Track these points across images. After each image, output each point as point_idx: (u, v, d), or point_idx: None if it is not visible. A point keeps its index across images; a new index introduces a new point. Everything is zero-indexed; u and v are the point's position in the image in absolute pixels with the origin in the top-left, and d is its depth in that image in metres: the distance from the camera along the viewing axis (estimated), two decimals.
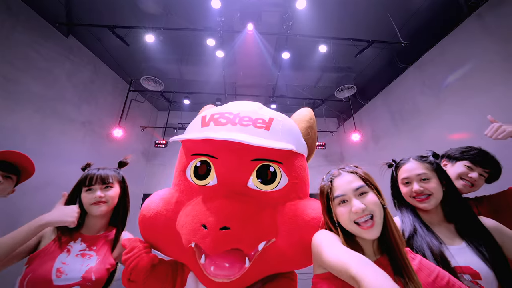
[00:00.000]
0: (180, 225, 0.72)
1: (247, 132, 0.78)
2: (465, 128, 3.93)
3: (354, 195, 0.63)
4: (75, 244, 0.80)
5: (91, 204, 0.86)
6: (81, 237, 0.84)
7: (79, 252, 0.79)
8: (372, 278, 0.40)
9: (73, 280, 0.73)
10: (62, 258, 0.74)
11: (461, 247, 0.72)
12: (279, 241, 0.73)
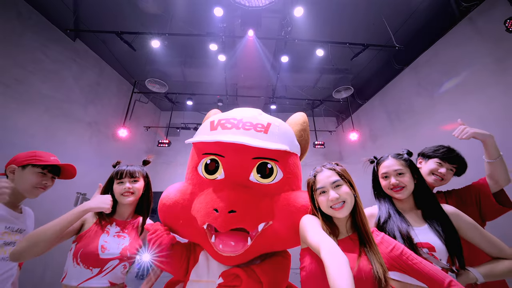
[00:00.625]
0: (195, 210, 0.89)
1: (248, 135, 0.94)
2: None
3: (331, 187, 0.80)
4: (111, 227, 0.97)
5: (121, 194, 1.03)
6: (115, 222, 1.01)
7: (115, 233, 0.96)
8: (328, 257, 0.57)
9: (114, 255, 0.90)
10: (104, 238, 0.91)
11: (424, 228, 0.88)
12: (275, 223, 0.90)
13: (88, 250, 0.85)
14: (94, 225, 0.94)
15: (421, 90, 4.92)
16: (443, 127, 4.43)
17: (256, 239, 0.87)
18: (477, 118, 3.81)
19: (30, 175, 0.99)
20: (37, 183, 0.99)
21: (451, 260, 0.80)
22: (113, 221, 0.99)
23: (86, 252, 0.85)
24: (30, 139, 3.92)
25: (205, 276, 0.92)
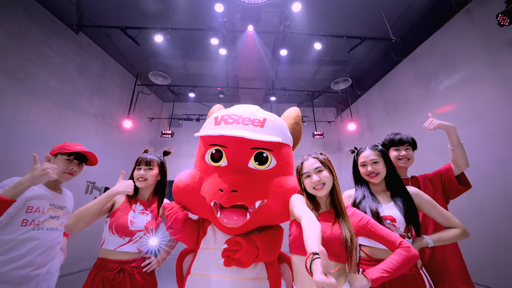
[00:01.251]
0: (204, 191, 1.08)
1: (247, 129, 1.13)
2: (452, 117, 4.24)
3: (314, 172, 0.99)
4: (136, 206, 1.18)
5: (136, 179, 1.23)
6: (139, 201, 1.21)
7: (140, 211, 1.16)
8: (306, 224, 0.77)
9: (140, 227, 1.11)
10: (132, 214, 1.12)
11: (390, 205, 1.08)
12: (269, 201, 1.10)
13: (120, 223, 1.06)
14: (123, 204, 1.14)
15: (417, 81, 5.02)
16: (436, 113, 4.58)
17: (254, 214, 1.08)
18: (469, 109, 3.95)
19: (59, 162, 1.18)
20: (65, 169, 1.17)
21: (408, 229, 1.00)
22: (138, 201, 1.20)
23: (118, 224, 1.06)
24: (41, 131, 4.12)
25: (212, 244, 1.13)
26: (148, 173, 1.25)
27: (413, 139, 1.43)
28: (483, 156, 3.70)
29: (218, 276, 1.02)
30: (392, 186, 1.13)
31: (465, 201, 3.92)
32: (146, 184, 1.25)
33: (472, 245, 3.89)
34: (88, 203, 1.06)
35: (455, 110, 4.21)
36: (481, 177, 3.73)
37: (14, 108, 3.74)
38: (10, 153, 3.60)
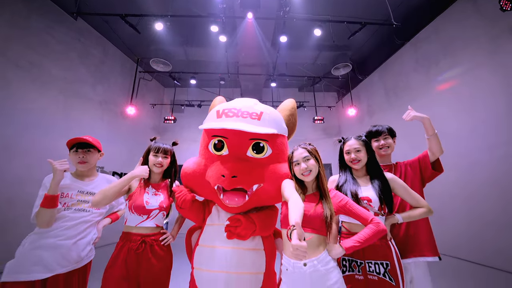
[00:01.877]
0: (208, 176, 1.25)
1: (246, 122, 1.27)
2: (449, 105, 4.31)
3: (303, 160, 1.14)
4: (149, 189, 1.36)
5: (154, 164, 1.40)
6: (151, 185, 1.39)
7: (153, 193, 1.35)
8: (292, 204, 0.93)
9: (154, 206, 1.30)
10: (146, 196, 1.30)
11: (368, 187, 1.24)
12: (265, 185, 1.26)
13: (138, 204, 1.25)
14: (138, 188, 1.33)
15: (418, 67, 5.02)
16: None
17: (251, 196, 1.25)
18: (467, 96, 4.01)
19: (71, 156, 1.36)
20: (76, 160, 1.34)
21: (381, 208, 1.17)
22: (150, 185, 1.38)
23: (136, 205, 1.25)
24: (50, 120, 4.27)
25: (216, 221, 1.32)
26: (164, 161, 1.42)
27: (390, 128, 1.56)
28: (477, 143, 3.83)
29: (222, 247, 1.22)
30: (372, 171, 1.29)
31: (456, 186, 4.12)
32: (161, 170, 1.43)
33: (458, 224, 4.14)
34: (110, 184, 1.25)
35: (453, 97, 4.27)
36: (472, 163, 3.89)
37: (23, 97, 3.87)
38: (22, 141, 3.80)
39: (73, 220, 1.20)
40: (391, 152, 1.52)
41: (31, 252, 1.08)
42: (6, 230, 3.50)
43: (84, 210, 1.27)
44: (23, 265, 1.05)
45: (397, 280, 1.09)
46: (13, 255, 1.09)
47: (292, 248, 0.75)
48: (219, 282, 1.16)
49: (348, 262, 1.18)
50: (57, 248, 1.13)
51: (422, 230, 1.34)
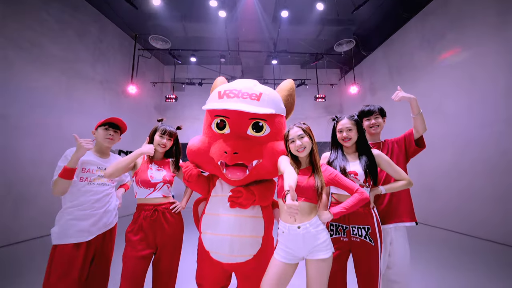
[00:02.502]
0: (212, 153, 1.38)
1: (246, 103, 1.36)
2: (451, 84, 4.28)
3: (297, 138, 1.25)
4: (152, 165, 1.50)
5: (158, 144, 1.52)
6: (154, 161, 1.53)
7: (156, 168, 1.49)
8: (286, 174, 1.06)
9: (158, 180, 1.45)
10: (150, 171, 1.45)
11: (355, 162, 1.37)
12: (263, 161, 1.40)
13: (143, 179, 1.40)
14: (142, 165, 1.47)
15: (424, 43, 4.88)
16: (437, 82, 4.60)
17: (251, 171, 1.39)
18: (468, 76, 3.97)
19: (100, 132, 1.48)
20: (105, 135, 1.47)
21: (366, 181, 1.31)
22: (153, 161, 1.52)
23: (142, 180, 1.40)
24: (54, 100, 4.34)
25: (220, 192, 1.48)
26: (168, 142, 1.54)
27: (381, 108, 1.65)
28: (472, 121, 3.89)
29: (226, 215, 1.39)
30: (360, 148, 1.41)
31: (450, 163, 4.26)
32: (164, 150, 1.56)
33: (449, 198, 4.36)
34: (120, 159, 1.40)
35: (455, 76, 4.22)
36: (467, 141, 3.98)
37: (26, 77, 3.91)
38: (28, 120, 3.92)
39: (98, 194, 1.37)
40: (380, 130, 1.63)
41: (72, 221, 1.27)
42: (23, 206, 3.79)
43: (105, 184, 1.43)
44: (68, 231, 1.25)
45: (376, 242, 1.27)
46: (33, 227, 1.26)
47: (286, 207, 0.90)
48: (224, 244, 1.35)
49: (335, 227, 1.35)
50: (92, 217, 1.33)
51: (403, 200, 1.49)
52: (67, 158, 1.31)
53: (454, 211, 4.11)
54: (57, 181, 1.23)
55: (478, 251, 3.14)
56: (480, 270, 2.53)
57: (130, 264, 1.25)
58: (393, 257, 1.43)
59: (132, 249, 1.29)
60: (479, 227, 3.67)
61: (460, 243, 3.54)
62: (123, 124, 1.53)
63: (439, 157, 4.46)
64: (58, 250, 1.21)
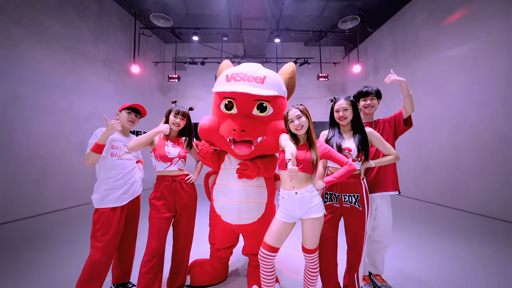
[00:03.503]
0: (222, 131, 1.56)
1: (251, 86, 1.50)
2: (453, 62, 4.28)
3: (296, 118, 1.41)
4: (168, 142, 1.68)
5: (173, 123, 1.69)
6: (170, 139, 1.71)
7: (172, 145, 1.68)
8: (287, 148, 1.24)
9: (174, 155, 1.64)
10: (167, 147, 1.63)
11: (350, 140, 1.54)
12: (267, 138, 1.57)
13: (161, 154, 1.60)
14: (159, 142, 1.65)
15: (431, 18, 4.77)
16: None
17: (256, 146, 1.58)
18: (471, 54, 3.96)
19: (123, 115, 1.65)
20: (127, 118, 1.64)
21: (358, 155, 1.49)
22: (169, 139, 1.70)
23: (160, 155, 1.59)
24: (60, 79, 4.43)
25: (229, 165, 1.68)
26: (182, 122, 1.71)
27: (378, 90, 1.77)
28: (470, 101, 3.96)
29: (234, 184, 1.61)
30: (355, 127, 1.57)
31: (445, 141, 4.41)
32: (178, 129, 1.73)
33: (442, 174, 4.59)
34: (140, 136, 1.59)
35: (457, 55, 4.20)
36: (462, 120, 4.10)
37: (32, 58, 3.98)
38: (42, 100, 4.07)
39: (127, 167, 1.58)
40: (374, 111, 1.77)
41: (109, 190, 1.50)
42: (45, 181, 4.09)
43: (130, 159, 1.64)
44: (106, 198, 1.48)
45: (363, 207, 1.48)
46: (54, 201, 1.46)
47: (287, 171, 1.10)
48: (233, 208, 1.58)
49: (329, 195, 1.57)
50: (124, 186, 1.55)
51: (389, 173, 1.69)
52: (97, 136, 1.49)
53: (447, 187, 4.36)
54: (89, 154, 1.43)
55: (467, 223, 3.42)
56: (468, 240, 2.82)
57: (155, 223, 1.50)
58: (377, 220, 1.66)
59: (157, 212, 1.53)
60: (469, 201, 3.94)
61: (450, 216, 3.83)
62: (144, 110, 1.70)
63: (435, 135, 4.61)
64: (99, 212, 1.45)
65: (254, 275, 1.76)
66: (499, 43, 3.55)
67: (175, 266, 1.66)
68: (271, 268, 1.35)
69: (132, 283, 1.71)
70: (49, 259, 2.22)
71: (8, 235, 2.97)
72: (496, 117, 3.55)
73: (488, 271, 1.98)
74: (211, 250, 1.86)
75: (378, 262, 1.73)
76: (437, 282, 1.83)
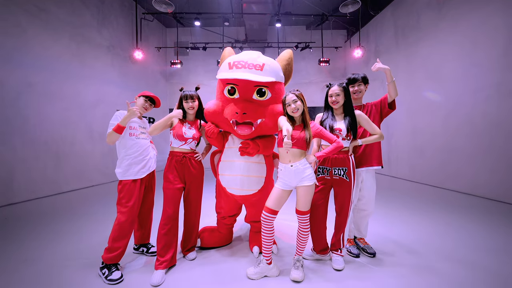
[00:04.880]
0: (225, 113, 1.75)
1: (251, 73, 1.68)
2: (451, 47, 4.32)
3: (292, 102, 1.59)
4: (185, 124, 1.89)
5: (187, 108, 1.89)
6: (187, 121, 1.92)
7: (188, 127, 1.88)
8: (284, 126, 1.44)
9: (189, 136, 1.85)
10: (184, 129, 1.84)
11: (341, 122, 1.73)
12: (266, 120, 1.77)
13: (179, 134, 1.81)
14: (178, 123, 1.86)
15: (432, 2, 4.74)
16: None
17: (256, 128, 1.78)
18: (469, 40, 4.00)
19: (140, 101, 1.85)
20: (143, 105, 1.84)
21: (347, 135, 1.69)
22: (186, 121, 1.91)
23: (178, 134, 1.81)
24: (65, 66, 4.55)
25: (232, 144, 1.90)
26: (194, 104, 1.90)
27: (364, 76, 1.94)
28: (466, 86, 4.07)
29: (237, 161, 1.83)
30: (346, 110, 1.76)
31: (440, 125, 4.57)
32: (194, 111, 1.93)
33: (435, 157, 4.80)
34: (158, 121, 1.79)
35: (456, 39, 4.24)
36: (457, 105, 4.23)
37: (39, 45, 4.10)
38: (51, 87, 4.25)
39: (144, 146, 1.81)
40: (362, 96, 1.95)
41: (130, 165, 1.73)
42: (60, 163, 4.38)
43: (145, 138, 1.86)
44: (128, 172, 1.72)
45: (350, 179, 1.71)
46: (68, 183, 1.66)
47: (284, 143, 1.31)
48: (236, 181, 1.82)
49: (321, 169, 1.79)
50: (142, 161, 1.79)
51: (375, 150, 1.90)
52: (117, 117, 1.71)
53: (439, 169, 4.58)
54: (111, 133, 1.66)
55: (453, 201, 3.68)
56: (451, 214, 3.08)
57: (169, 193, 1.75)
58: (363, 191, 1.90)
59: (170, 183, 1.77)
60: (459, 182, 4.17)
61: (439, 195, 4.09)
62: (159, 101, 1.91)
63: (431, 119, 4.77)
64: (123, 184, 1.70)
65: (255, 238, 2.03)
66: (495, 29, 3.60)
67: (187, 230, 1.93)
68: (271, 229, 1.61)
69: (151, 244, 2.00)
70: (75, 230, 2.53)
71: (35, 211, 3.29)
72: (489, 102, 3.68)
73: (466, 240, 2.21)
74: (218, 218, 2.13)
75: (362, 227, 1.99)
76: (414, 244, 2.10)
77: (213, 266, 1.78)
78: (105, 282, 1.53)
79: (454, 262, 1.79)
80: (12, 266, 1.77)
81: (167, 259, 1.65)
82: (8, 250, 2.05)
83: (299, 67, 8.31)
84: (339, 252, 1.79)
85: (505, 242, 2.13)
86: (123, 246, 1.63)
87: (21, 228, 2.57)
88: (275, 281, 1.58)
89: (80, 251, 2.01)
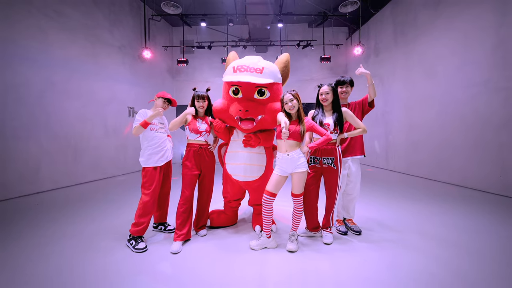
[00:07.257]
0: (231, 111, 2.05)
1: (252, 76, 1.96)
2: (447, 44, 4.50)
3: (289, 101, 1.87)
4: (198, 119, 2.19)
5: (198, 107, 2.19)
6: (200, 117, 2.22)
7: (201, 122, 2.19)
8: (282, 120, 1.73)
9: (203, 130, 2.15)
10: (197, 123, 2.14)
11: (330, 117, 2.01)
12: (266, 116, 2.06)
13: (194, 128, 2.11)
14: (192, 119, 2.16)
15: (429, 0, 4.90)
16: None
17: (257, 123, 2.07)
18: (462, 38, 4.18)
19: (159, 101, 2.16)
20: (161, 105, 2.15)
21: (335, 129, 1.97)
22: (199, 117, 2.21)
23: (193, 128, 2.11)
24: (80, 65, 4.87)
25: (237, 138, 2.20)
26: (204, 103, 2.20)
27: (351, 80, 2.22)
28: (459, 82, 4.26)
29: (241, 151, 2.14)
30: (334, 107, 2.04)
31: (434, 120, 4.78)
32: (204, 109, 2.23)
33: (429, 150, 5.02)
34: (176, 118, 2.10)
35: (451, 36, 4.41)
36: (451, 100, 4.43)
37: (59, 46, 4.44)
38: (69, 86, 4.60)
39: (162, 139, 2.13)
40: (348, 96, 2.23)
41: (151, 155, 2.04)
42: (78, 157, 4.75)
43: (163, 132, 2.18)
44: (149, 160, 2.03)
45: (337, 167, 1.99)
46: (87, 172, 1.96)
47: (282, 133, 1.61)
48: (240, 169, 2.13)
49: (313, 159, 2.08)
50: (161, 152, 2.10)
51: (358, 142, 2.20)
52: (141, 115, 2.02)
53: (433, 162, 4.82)
54: (138, 127, 1.97)
55: (444, 192, 3.93)
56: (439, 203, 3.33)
57: (187, 178, 2.06)
58: (350, 177, 2.19)
59: (188, 170, 2.09)
60: (450, 174, 4.40)
61: (431, 186, 4.33)
62: (175, 102, 2.22)
63: (425, 115, 4.98)
64: (146, 170, 2.02)
65: (257, 219, 2.35)
66: (485, 27, 3.78)
67: (199, 211, 2.26)
68: (270, 209, 1.91)
69: (168, 223, 2.34)
70: (98, 213, 2.89)
71: (60, 199, 3.67)
72: (478, 98, 3.89)
73: (446, 222, 2.48)
74: (224, 202, 2.46)
75: (350, 209, 2.28)
76: (397, 225, 2.38)
77: (221, 240, 2.10)
78: (133, 251, 1.86)
79: (432, 240, 2.05)
80: (55, 241, 2.12)
81: (184, 233, 1.98)
82: (50, 228, 2.41)
83: (301, 64, 8.51)
84: (328, 229, 2.09)
85: (484, 224, 2.39)
86: (146, 221, 1.96)
87: (54, 213, 2.94)
88: (274, 251, 1.89)
89: (106, 230, 2.36)
